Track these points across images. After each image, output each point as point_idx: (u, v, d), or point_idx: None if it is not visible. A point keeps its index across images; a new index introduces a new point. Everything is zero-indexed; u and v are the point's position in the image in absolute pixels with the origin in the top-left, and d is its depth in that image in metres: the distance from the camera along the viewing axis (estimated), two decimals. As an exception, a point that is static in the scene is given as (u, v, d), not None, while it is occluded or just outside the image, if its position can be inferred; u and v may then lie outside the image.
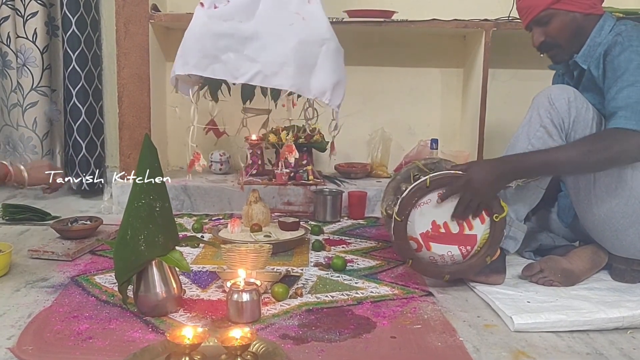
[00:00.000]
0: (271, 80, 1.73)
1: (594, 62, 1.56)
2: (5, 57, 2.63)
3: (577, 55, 1.59)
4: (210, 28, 1.74)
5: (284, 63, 1.72)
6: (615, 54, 1.49)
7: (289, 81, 1.73)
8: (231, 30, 1.73)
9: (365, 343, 1.23)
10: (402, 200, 1.48)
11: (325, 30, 1.81)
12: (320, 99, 1.78)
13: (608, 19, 1.58)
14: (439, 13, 2.49)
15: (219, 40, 1.73)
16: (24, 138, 2.60)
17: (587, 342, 1.27)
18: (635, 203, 1.50)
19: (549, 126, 1.52)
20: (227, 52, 1.73)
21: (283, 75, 1.72)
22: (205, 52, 1.74)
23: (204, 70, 1.75)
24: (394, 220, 1.49)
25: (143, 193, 1.32)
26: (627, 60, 1.47)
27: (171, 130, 2.77)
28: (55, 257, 1.74)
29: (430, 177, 1.48)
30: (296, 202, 2.36)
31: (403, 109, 2.78)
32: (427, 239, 1.50)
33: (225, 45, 1.73)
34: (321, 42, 1.78)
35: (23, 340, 1.21)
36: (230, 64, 1.73)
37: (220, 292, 1.50)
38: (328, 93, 1.76)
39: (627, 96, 1.44)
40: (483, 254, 1.52)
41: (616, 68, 1.48)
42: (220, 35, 1.73)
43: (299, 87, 1.75)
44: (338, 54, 1.83)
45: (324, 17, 1.83)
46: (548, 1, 1.55)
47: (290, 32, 1.75)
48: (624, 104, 1.43)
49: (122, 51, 2.39)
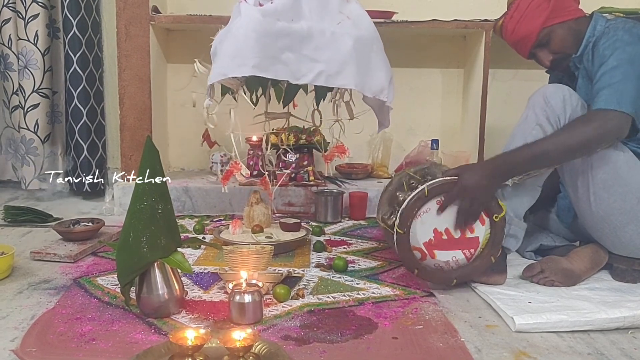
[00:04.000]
0: (335, 79, 1.69)
1: (585, 56, 1.61)
2: (7, 59, 2.63)
3: (575, 56, 1.64)
4: (267, 27, 1.63)
5: (345, 62, 1.68)
6: (601, 43, 1.55)
7: (353, 80, 1.69)
8: (287, 29, 1.65)
9: (367, 344, 1.24)
10: (402, 212, 1.48)
11: (374, 29, 1.79)
12: (379, 96, 1.76)
13: (599, 18, 1.63)
14: (439, 13, 2.50)
15: (278, 40, 1.64)
16: (26, 140, 2.61)
17: (588, 342, 1.28)
18: (632, 199, 1.52)
19: (545, 124, 1.53)
20: (286, 52, 1.65)
21: (345, 74, 1.68)
22: (266, 53, 1.62)
23: (266, 71, 1.62)
24: (396, 233, 1.49)
25: (145, 195, 1.33)
26: (612, 48, 1.51)
27: (172, 132, 2.77)
28: (57, 259, 1.75)
29: (427, 185, 1.48)
30: (297, 203, 2.36)
31: (404, 110, 2.77)
32: (431, 247, 1.50)
33: (283, 45, 1.64)
34: (372, 41, 1.77)
35: (26, 342, 1.22)
36: (292, 64, 1.66)
37: (222, 293, 1.51)
38: (385, 90, 1.76)
39: (609, 77, 1.48)
40: (487, 254, 1.52)
41: (602, 55, 1.53)
42: (278, 34, 1.64)
43: (361, 86, 1.72)
44: (383, 53, 1.82)
45: (367, 16, 1.80)
46: (539, 23, 1.62)
47: (343, 31, 1.71)
48: (605, 84, 1.48)
49: (123, 53, 2.39)
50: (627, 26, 1.55)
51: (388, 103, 1.80)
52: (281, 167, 2.43)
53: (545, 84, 1.78)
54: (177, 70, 2.69)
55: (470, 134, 2.57)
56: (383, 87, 1.76)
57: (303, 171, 2.43)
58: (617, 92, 1.45)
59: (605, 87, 1.47)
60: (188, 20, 2.41)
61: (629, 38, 1.51)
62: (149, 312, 1.35)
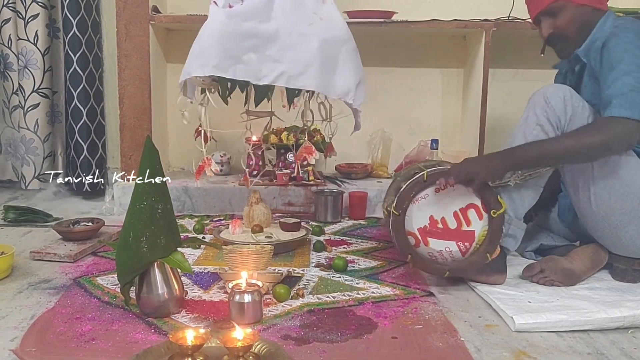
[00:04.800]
0: (296, 80, 1.70)
1: (592, 55, 1.57)
2: (7, 59, 2.63)
3: (579, 49, 1.60)
4: (231, 28, 1.68)
5: (308, 63, 1.69)
6: (611, 45, 1.51)
7: (314, 81, 1.70)
8: (252, 30, 1.68)
9: (366, 343, 1.24)
10: (400, 195, 1.50)
11: (345, 31, 1.79)
12: (344, 99, 1.76)
13: (611, 15, 1.60)
14: (439, 13, 2.50)
15: (241, 41, 1.68)
16: (26, 140, 2.61)
17: (588, 341, 1.28)
18: (633, 199, 1.51)
19: (546, 125, 1.53)
20: (249, 53, 1.68)
21: (308, 75, 1.69)
22: (227, 53, 1.67)
23: (225, 71, 1.68)
24: (392, 214, 1.50)
25: (145, 195, 1.33)
26: (623, 51, 1.48)
27: (172, 132, 2.77)
28: (57, 259, 1.75)
29: (427, 171, 1.49)
30: (297, 202, 2.36)
31: (403, 109, 2.79)
32: (425, 234, 1.51)
33: (247, 46, 1.68)
34: (342, 42, 1.76)
35: (26, 342, 1.22)
36: (254, 64, 1.68)
37: (222, 293, 1.51)
38: (352, 93, 1.74)
39: (621, 85, 1.45)
40: (483, 251, 1.52)
41: (612, 58, 1.50)
42: (242, 35, 1.68)
43: (324, 88, 1.72)
44: (357, 54, 1.81)
45: (340, 17, 1.81)
46: None
47: (312, 33, 1.72)
48: (618, 92, 1.45)
49: (122, 53, 2.40)
50: (638, 28, 1.52)
51: (355, 106, 1.79)
52: (281, 167, 2.44)
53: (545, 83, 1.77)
54: (177, 70, 2.67)
55: (470, 134, 2.57)
56: (349, 90, 1.74)
57: (303, 171, 2.42)
58: (630, 100, 1.42)
59: (617, 95, 1.44)
60: (188, 20, 2.41)
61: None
62: (148, 312, 1.35)
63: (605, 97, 1.47)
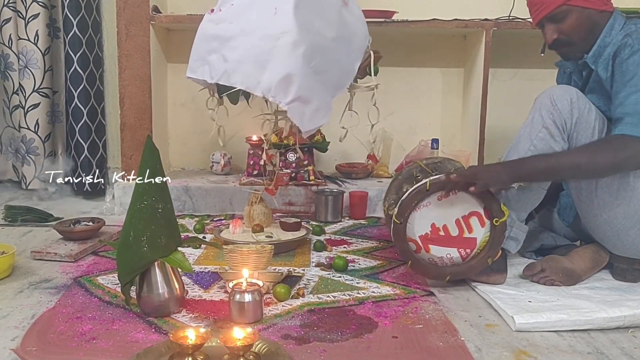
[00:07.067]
0: (230, 78, 1.67)
1: (602, 63, 1.54)
2: (7, 59, 2.64)
3: (588, 55, 1.57)
4: (204, 31, 1.73)
5: (241, 61, 1.65)
6: (624, 56, 1.48)
7: (241, 79, 1.65)
8: (218, 32, 1.71)
9: (367, 343, 1.24)
10: (402, 203, 1.49)
11: (286, 23, 1.61)
12: (266, 95, 1.63)
13: (618, 17, 1.57)
14: (440, 13, 2.49)
15: (209, 43, 1.71)
16: (26, 140, 2.61)
17: (588, 341, 1.28)
18: (637, 204, 1.50)
19: (551, 127, 1.51)
20: (212, 54, 1.71)
21: (240, 73, 1.65)
22: (199, 55, 1.73)
23: (195, 72, 1.74)
24: (393, 222, 1.50)
25: (145, 194, 1.33)
26: (636, 65, 1.45)
27: (172, 132, 2.77)
28: (58, 259, 1.75)
29: (430, 180, 1.48)
30: (297, 202, 2.36)
31: (404, 109, 2.79)
32: (426, 241, 1.51)
33: (211, 47, 1.71)
34: (277, 36, 1.63)
35: (27, 342, 1.22)
36: (213, 64, 1.71)
37: (222, 292, 1.51)
38: (273, 89, 1.61)
39: (634, 102, 1.43)
40: (484, 256, 1.52)
41: (625, 72, 1.47)
42: (210, 37, 1.71)
43: (247, 85, 1.64)
44: (294, 47, 1.60)
45: (291, 10, 1.63)
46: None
47: (255, 28, 1.66)
48: (632, 110, 1.43)
49: (123, 53, 2.39)
50: None
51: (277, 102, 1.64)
52: (281, 166, 2.44)
53: (545, 82, 1.77)
54: (177, 70, 2.69)
55: (471, 134, 2.57)
56: (270, 86, 1.61)
57: (303, 170, 2.43)
58: None
59: (631, 114, 1.42)
60: (188, 20, 2.41)
61: None
62: (149, 311, 1.35)
63: (617, 113, 1.46)
